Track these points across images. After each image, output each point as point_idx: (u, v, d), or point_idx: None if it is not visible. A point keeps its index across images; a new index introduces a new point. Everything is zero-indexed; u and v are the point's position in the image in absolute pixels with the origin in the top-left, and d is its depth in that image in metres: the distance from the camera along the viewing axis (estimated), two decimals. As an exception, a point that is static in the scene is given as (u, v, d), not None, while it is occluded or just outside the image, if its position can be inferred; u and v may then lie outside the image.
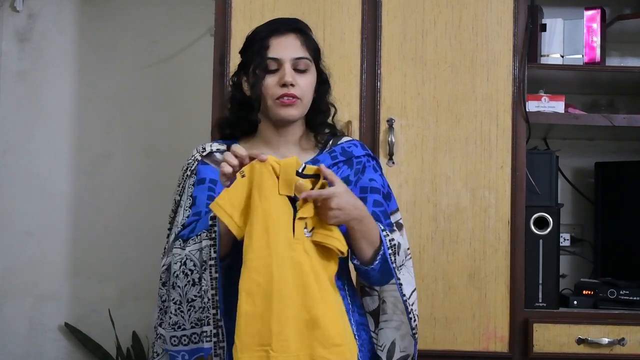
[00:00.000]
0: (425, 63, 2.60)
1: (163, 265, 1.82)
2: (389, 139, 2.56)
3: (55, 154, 3.37)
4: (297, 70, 1.85)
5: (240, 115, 1.91)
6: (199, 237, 1.74)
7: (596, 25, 2.76)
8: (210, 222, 1.71)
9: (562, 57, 2.78)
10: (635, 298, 2.66)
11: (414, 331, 1.85)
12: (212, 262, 1.69)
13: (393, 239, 1.81)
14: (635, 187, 2.88)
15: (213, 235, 1.70)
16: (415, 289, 1.86)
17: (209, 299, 1.69)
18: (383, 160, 2.57)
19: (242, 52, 1.93)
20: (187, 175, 1.91)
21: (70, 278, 3.36)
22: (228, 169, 1.67)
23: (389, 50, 2.59)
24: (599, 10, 2.77)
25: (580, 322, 2.57)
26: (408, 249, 1.95)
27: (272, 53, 1.84)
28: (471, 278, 2.57)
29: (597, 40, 2.76)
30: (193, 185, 1.89)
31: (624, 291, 2.67)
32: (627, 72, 2.82)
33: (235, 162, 1.67)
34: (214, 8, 2.62)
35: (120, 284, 3.35)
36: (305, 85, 1.86)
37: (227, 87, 2.57)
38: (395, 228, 1.91)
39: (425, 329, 2.55)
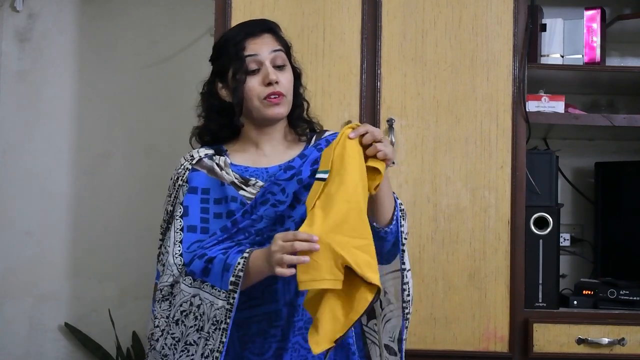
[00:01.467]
0: (425, 63, 2.60)
1: (164, 282, 1.81)
2: (389, 139, 2.56)
3: (55, 154, 3.37)
4: (276, 67, 1.86)
5: (223, 122, 1.92)
6: (215, 289, 1.73)
7: (596, 25, 2.76)
8: (230, 287, 1.70)
9: (562, 57, 2.78)
10: (635, 298, 2.66)
11: (409, 312, 1.88)
12: (225, 325, 1.70)
13: (402, 203, 1.86)
14: (635, 187, 2.88)
15: (231, 300, 1.70)
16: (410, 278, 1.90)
17: (213, 359, 1.71)
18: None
19: (214, 59, 1.95)
20: (179, 185, 1.90)
21: (70, 278, 3.36)
22: (290, 272, 1.63)
23: (389, 50, 2.59)
24: (599, 10, 2.77)
25: (580, 322, 2.57)
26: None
27: (249, 52, 1.85)
28: (471, 278, 2.57)
29: (597, 40, 2.76)
30: (185, 193, 1.88)
31: (624, 291, 2.67)
32: (627, 72, 2.82)
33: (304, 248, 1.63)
34: (214, 8, 2.62)
35: (120, 284, 3.35)
36: (287, 81, 1.88)
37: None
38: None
39: (425, 329, 2.55)
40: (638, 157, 3.01)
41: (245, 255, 1.72)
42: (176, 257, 1.82)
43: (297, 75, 1.95)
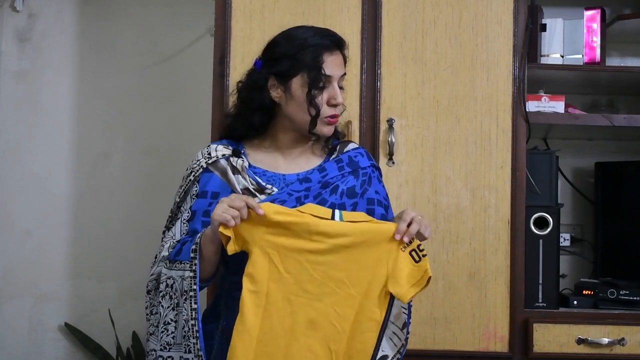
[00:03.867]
0: (425, 63, 2.60)
1: (152, 274, 1.87)
2: (389, 139, 2.56)
3: (55, 154, 3.37)
4: (339, 87, 1.91)
5: (263, 119, 1.92)
6: (184, 264, 1.78)
7: (596, 25, 2.76)
8: (192, 255, 1.76)
9: (562, 57, 2.78)
10: (635, 298, 2.66)
11: (407, 335, 1.86)
12: (192, 293, 1.75)
13: None
14: (635, 187, 2.88)
15: (194, 267, 1.75)
16: None
17: (189, 329, 1.75)
18: (383, 160, 2.57)
19: (276, 57, 1.91)
20: (191, 180, 1.91)
21: (70, 278, 3.36)
22: (231, 223, 1.71)
23: (389, 50, 2.59)
24: (599, 10, 2.77)
25: (580, 322, 2.57)
26: None
27: (327, 70, 1.86)
28: (471, 278, 2.57)
29: (597, 40, 2.76)
30: (196, 195, 1.89)
31: (624, 291, 2.67)
32: (627, 72, 2.82)
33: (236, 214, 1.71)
34: (214, 8, 2.62)
35: (120, 284, 3.35)
36: (343, 100, 1.92)
37: (228, 87, 2.57)
38: None
39: (425, 329, 2.55)
40: (638, 157, 3.01)
41: (205, 229, 1.78)
42: (167, 250, 1.86)
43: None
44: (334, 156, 1.97)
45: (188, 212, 1.89)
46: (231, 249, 1.74)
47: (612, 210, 2.92)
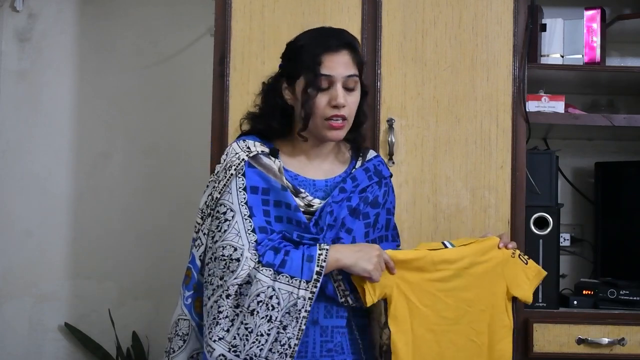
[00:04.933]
0: (425, 63, 2.60)
1: (235, 278, 1.79)
2: (389, 139, 2.56)
3: (55, 154, 3.37)
4: (346, 88, 1.86)
5: (281, 121, 1.91)
6: (294, 280, 1.77)
7: (596, 25, 2.76)
8: (315, 277, 1.76)
9: (562, 57, 2.78)
10: (635, 298, 2.66)
11: None
12: (305, 314, 1.76)
13: None
14: (635, 187, 2.88)
15: (314, 290, 1.76)
16: None
17: (289, 347, 1.75)
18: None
19: (286, 59, 1.91)
20: (232, 174, 1.87)
21: (70, 278, 3.36)
22: (377, 280, 1.82)
23: (389, 50, 2.59)
24: (599, 10, 2.77)
25: (580, 322, 2.57)
26: None
27: (325, 70, 1.83)
28: (471, 278, 2.57)
29: (597, 40, 2.76)
30: (244, 189, 1.86)
31: (624, 291, 2.67)
32: (627, 72, 2.81)
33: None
34: (214, 8, 2.62)
35: (120, 284, 3.35)
36: (352, 104, 1.88)
37: (228, 87, 2.57)
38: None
39: (425, 329, 2.55)
40: (638, 157, 3.01)
41: (326, 247, 1.79)
42: (253, 253, 1.81)
43: (364, 93, 1.96)
44: (359, 164, 1.98)
45: (245, 208, 1.84)
46: (370, 300, 1.85)
47: (612, 210, 2.92)
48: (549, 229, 2.65)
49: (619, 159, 3.02)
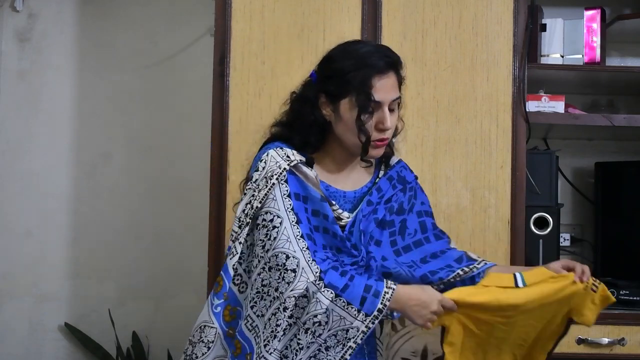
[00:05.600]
0: (425, 63, 2.60)
1: (297, 289, 1.77)
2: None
3: (55, 154, 3.37)
4: (390, 109, 1.86)
5: (317, 136, 1.90)
6: (351, 308, 1.75)
7: (596, 25, 2.76)
8: (376, 313, 1.74)
9: (562, 57, 2.78)
10: (635, 298, 2.66)
11: None
12: (353, 344, 1.75)
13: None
14: (635, 187, 2.88)
15: (371, 325, 1.74)
16: None
17: None
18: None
19: (327, 76, 1.87)
20: (274, 183, 1.83)
21: (70, 278, 3.36)
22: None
23: (389, 50, 2.59)
24: (599, 10, 2.77)
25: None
26: None
27: (376, 95, 1.82)
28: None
29: (597, 40, 2.76)
30: (288, 196, 1.83)
31: (624, 291, 2.67)
32: (627, 72, 2.81)
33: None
34: (214, 8, 2.62)
35: (120, 284, 3.35)
36: (394, 124, 1.89)
37: (228, 87, 2.57)
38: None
39: (425, 329, 2.55)
40: (638, 157, 3.01)
41: (393, 287, 1.78)
42: (311, 264, 1.79)
43: (401, 103, 1.94)
44: (382, 172, 1.99)
45: (293, 215, 1.82)
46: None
47: (612, 210, 2.92)
48: (549, 229, 2.65)
49: (619, 159, 3.02)
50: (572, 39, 2.77)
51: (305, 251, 1.79)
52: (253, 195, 1.84)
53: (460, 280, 1.93)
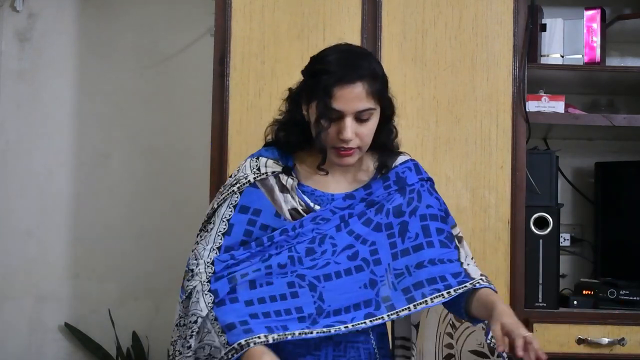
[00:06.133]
0: (425, 63, 2.60)
1: (188, 286, 1.77)
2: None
3: (55, 153, 3.37)
4: (358, 120, 1.77)
5: (301, 137, 1.85)
6: (220, 330, 1.70)
7: (596, 25, 2.76)
8: (235, 346, 1.66)
9: (562, 57, 2.78)
10: (635, 298, 2.66)
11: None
12: None
13: (485, 277, 1.83)
14: (635, 187, 2.88)
15: (230, 355, 1.66)
16: None
17: None
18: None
19: (307, 76, 1.83)
20: (234, 190, 1.83)
21: (70, 278, 3.36)
22: None
23: (389, 50, 2.59)
24: (599, 10, 2.77)
25: (580, 322, 2.57)
26: (472, 258, 1.94)
27: (335, 104, 1.74)
28: (471, 278, 2.56)
29: (597, 40, 2.76)
30: (234, 207, 1.82)
31: (624, 291, 2.67)
32: (627, 72, 2.82)
33: None
34: (214, 8, 2.62)
35: (120, 284, 3.35)
36: (365, 134, 1.79)
37: (228, 87, 2.57)
38: (457, 243, 1.90)
39: (425, 329, 2.55)
40: (638, 157, 3.01)
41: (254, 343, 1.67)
42: (207, 267, 1.78)
43: (389, 113, 1.87)
44: (382, 175, 1.90)
45: (225, 224, 1.81)
46: None
47: (612, 210, 2.92)
48: (549, 229, 2.65)
49: (619, 159, 3.02)
50: (572, 39, 2.77)
51: (210, 256, 1.79)
52: (217, 199, 1.87)
53: (446, 303, 1.82)
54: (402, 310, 1.78)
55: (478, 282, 1.78)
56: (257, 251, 1.79)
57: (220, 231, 1.81)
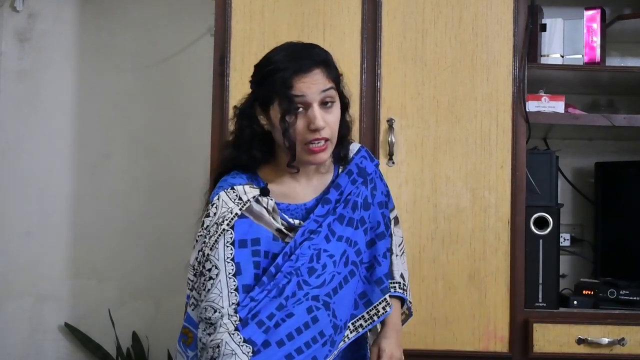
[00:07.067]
0: (425, 63, 2.60)
1: (214, 341, 1.72)
2: (389, 139, 2.56)
3: (55, 154, 3.37)
4: (323, 106, 1.76)
5: (264, 150, 1.82)
6: None
7: (596, 25, 2.76)
8: None
9: (562, 57, 2.78)
10: (635, 298, 2.66)
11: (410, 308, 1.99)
12: None
13: (401, 282, 1.98)
14: (635, 187, 2.88)
15: None
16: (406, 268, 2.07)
17: None
18: (383, 160, 2.57)
19: (256, 83, 1.81)
20: (223, 229, 1.76)
21: (70, 278, 3.36)
22: None
23: (389, 50, 2.59)
24: (599, 10, 2.77)
25: (580, 322, 2.57)
26: (401, 242, 2.03)
27: (297, 92, 1.73)
28: (471, 278, 2.57)
29: (597, 40, 2.76)
30: (232, 244, 1.76)
31: (624, 291, 2.67)
32: (627, 72, 2.81)
33: None
34: (214, 8, 2.62)
35: (120, 284, 3.35)
36: (333, 122, 1.78)
37: (228, 87, 2.57)
38: (393, 226, 1.99)
39: (425, 329, 2.55)
40: (638, 157, 3.01)
41: None
42: (231, 317, 1.73)
43: (345, 105, 1.86)
44: (341, 168, 1.90)
45: (232, 265, 1.75)
46: None
47: (612, 210, 2.92)
48: (549, 229, 2.65)
49: (619, 159, 3.02)
50: (572, 39, 2.77)
51: (232, 305, 1.73)
52: (204, 243, 1.78)
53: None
54: (379, 303, 1.87)
55: (393, 288, 1.93)
56: (272, 286, 1.76)
57: (229, 273, 1.75)
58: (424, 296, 2.55)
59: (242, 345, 1.70)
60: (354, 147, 1.96)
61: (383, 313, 1.87)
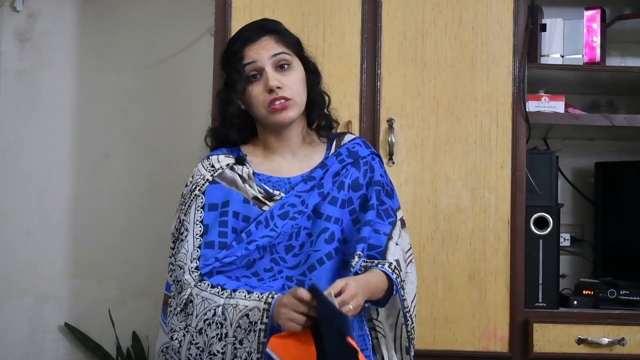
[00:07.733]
0: (425, 63, 2.60)
1: (182, 297, 1.75)
2: (389, 139, 2.56)
3: (55, 154, 3.37)
4: (279, 69, 1.83)
5: (240, 128, 1.89)
6: (245, 294, 1.69)
7: (596, 25, 2.76)
8: (268, 300, 1.67)
9: (562, 57, 2.78)
10: (635, 298, 2.66)
11: (410, 335, 1.86)
12: (263, 326, 1.66)
13: (394, 264, 1.81)
14: (635, 187, 2.88)
15: (270, 300, 1.67)
16: (415, 295, 1.92)
17: None
18: (383, 160, 2.57)
19: (222, 69, 1.91)
20: (195, 195, 1.85)
21: (70, 278, 3.36)
22: (297, 328, 1.61)
23: (389, 50, 2.59)
24: (599, 10, 2.77)
25: (580, 322, 2.57)
26: (409, 250, 1.97)
27: (247, 59, 1.82)
28: (471, 278, 2.57)
29: (597, 40, 2.76)
30: (202, 208, 1.83)
31: (624, 291, 2.67)
32: (627, 72, 2.82)
33: (302, 319, 1.61)
34: (214, 8, 2.62)
35: (120, 284, 3.35)
36: (292, 82, 1.83)
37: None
38: (398, 222, 1.93)
39: (425, 329, 2.55)
40: (638, 157, 3.01)
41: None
42: (192, 272, 1.78)
43: (311, 70, 1.91)
44: (332, 150, 1.93)
45: (200, 226, 1.82)
46: None
47: (612, 210, 2.92)
48: (549, 229, 2.65)
49: (619, 159, 3.02)
50: (572, 39, 2.77)
51: (193, 261, 1.78)
52: (181, 210, 1.87)
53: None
54: (352, 257, 1.80)
55: (380, 264, 1.79)
56: (242, 255, 1.77)
57: (197, 234, 1.81)
58: (424, 296, 2.55)
59: (211, 290, 1.72)
60: (350, 136, 1.99)
61: (354, 266, 1.78)
